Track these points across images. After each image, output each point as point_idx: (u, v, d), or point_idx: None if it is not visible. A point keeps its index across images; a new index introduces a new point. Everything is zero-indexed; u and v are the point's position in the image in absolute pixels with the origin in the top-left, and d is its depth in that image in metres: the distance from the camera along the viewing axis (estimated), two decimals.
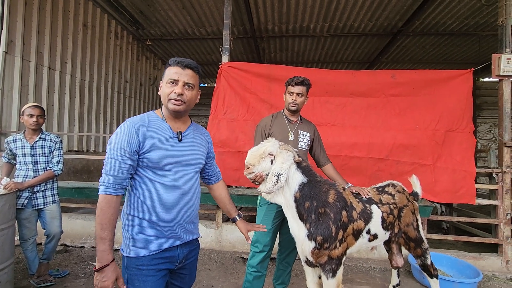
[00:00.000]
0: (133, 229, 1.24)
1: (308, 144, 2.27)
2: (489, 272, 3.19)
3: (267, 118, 2.31)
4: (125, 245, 1.26)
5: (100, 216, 1.14)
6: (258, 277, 2.19)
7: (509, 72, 3.29)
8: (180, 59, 1.29)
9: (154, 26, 6.23)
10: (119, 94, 6.63)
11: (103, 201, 1.16)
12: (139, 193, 1.25)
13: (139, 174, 1.25)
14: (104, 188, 1.17)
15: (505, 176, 3.30)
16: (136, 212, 1.25)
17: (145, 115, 1.31)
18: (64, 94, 5.02)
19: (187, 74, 1.28)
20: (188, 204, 1.33)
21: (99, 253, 1.12)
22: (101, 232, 1.13)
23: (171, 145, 1.29)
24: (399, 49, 7.04)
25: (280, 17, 5.61)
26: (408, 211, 2.18)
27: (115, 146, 1.18)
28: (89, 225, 3.77)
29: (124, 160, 1.18)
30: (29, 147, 2.60)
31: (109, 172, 1.17)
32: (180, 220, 1.30)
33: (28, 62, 4.29)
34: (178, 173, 1.30)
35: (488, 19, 5.47)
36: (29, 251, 2.67)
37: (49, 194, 2.69)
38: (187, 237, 1.36)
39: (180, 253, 1.33)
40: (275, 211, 2.18)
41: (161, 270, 1.28)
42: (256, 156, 1.69)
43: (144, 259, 1.23)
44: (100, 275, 1.11)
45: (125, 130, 1.21)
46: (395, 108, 3.48)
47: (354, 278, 3.01)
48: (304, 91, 2.21)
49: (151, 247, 1.24)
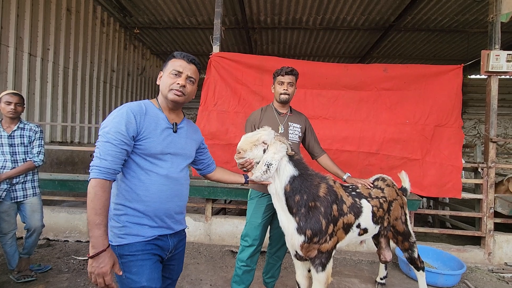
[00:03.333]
0: (122, 218, 1.21)
1: (299, 136, 2.23)
2: (472, 264, 3.29)
3: (257, 112, 2.26)
4: (114, 234, 1.21)
5: (94, 201, 1.09)
6: (247, 271, 2.17)
7: (498, 68, 3.33)
8: (185, 54, 1.32)
9: (143, 13, 6.01)
10: (105, 83, 6.41)
11: (97, 186, 1.10)
12: (130, 182, 1.22)
13: (131, 162, 1.23)
14: (97, 172, 1.11)
15: (490, 170, 3.38)
16: (126, 201, 1.22)
17: (141, 102, 1.28)
18: (46, 82, 4.80)
19: (191, 68, 1.31)
20: (179, 194, 1.33)
21: (93, 239, 1.07)
22: (95, 217, 1.08)
23: (167, 135, 1.29)
24: (390, 44, 7.08)
25: (272, 8, 5.51)
26: (397, 205, 2.19)
27: (112, 129, 1.14)
28: (73, 219, 3.65)
29: (120, 145, 1.15)
30: (7, 136, 2.46)
31: (103, 156, 1.12)
32: (170, 211, 1.30)
33: (7, 47, 4.06)
34: (172, 163, 1.30)
35: (478, 16, 5.55)
36: (8, 245, 2.56)
37: (29, 186, 2.57)
38: (177, 227, 1.37)
39: (171, 242, 1.33)
40: (265, 204, 2.14)
41: (156, 254, 1.27)
42: (249, 142, 1.67)
43: (137, 245, 1.21)
44: (96, 262, 1.06)
45: (123, 114, 1.17)
46: (386, 102, 3.49)
47: (342, 271, 3.04)
48: (294, 81, 2.17)
49: (143, 233, 1.23)
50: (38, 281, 2.56)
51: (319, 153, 2.29)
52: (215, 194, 3.46)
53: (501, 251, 3.36)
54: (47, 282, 2.57)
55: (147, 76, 8.47)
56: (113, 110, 1.21)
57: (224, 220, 3.63)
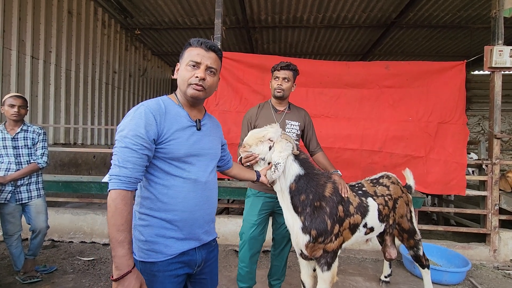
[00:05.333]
0: (146, 230, 1.08)
1: (297, 134, 2.18)
2: (477, 261, 3.26)
3: (253, 108, 2.23)
4: (138, 248, 1.09)
5: (115, 216, 0.95)
6: (249, 272, 2.16)
7: (501, 64, 3.30)
8: (203, 40, 1.14)
9: (143, 14, 6.02)
10: (107, 85, 6.43)
11: (117, 198, 0.96)
12: (154, 189, 1.09)
13: (154, 167, 1.09)
14: (118, 182, 0.97)
15: (495, 167, 3.35)
16: (150, 211, 1.09)
17: (159, 99, 1.14)
18: (49, 84, 4.82)
19: (210, 57, 1.14)
20: (208, 200, 1.19)
21: (117, 259, 0.93)
22: (117, 234, 0.94)
23: (190, 135, 1.14)
24: (392, 41, 7.03)
25: (273, 6, 5.49)
26: (402, 203, 2.17)
27: (130, 133, 1.00)
28: (77, 220, 3.67)
29: (141, 150, 1.00)
30: (10, 139, 2.48)
31: (122, 163, 0.98)
32: (200, 219, 1.16)
33: (10, 51, 4.09)
34: (199, 166, 1.16)
35: (480, 12, 5.49)
36: (14, 247, 2.57)
37: (33, 188, 2.59)
38: (206, 238, 1.22)
39: (198, 256, 1.18)
40: (261, 203, 2.12)
41: (179, 275, 1.13)
42: (256, 138, 1.66)
43: (160, 264, 1.08)
44: (121, 285, 0.92)
45: (141, 115, 1.03)
46: (389, 100, 3.47)
47: (347, 269, 3.03)
48: (290, 76, 2.10)
49: (167, 251, 1.09)
50: (43, 282, 2.58)
51: (315, 150, 2.26)
52: (218, 194, 3.45)
53: (506, 248, 3.33)
54: (53, 283, 2.58)
55: (149, 77, 8.48)
56: (129, 110, 1.07)
57: (227, 219, 3.63)
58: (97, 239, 3.55)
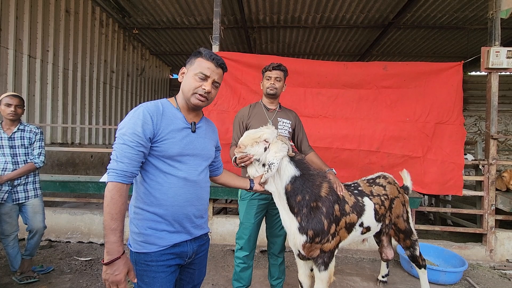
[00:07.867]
0: (141, 223, 1.19)
1: (289, 131, 2.22)
2: (473, 261, 3.29)
3: (245, 108, 2.26)
4: (133, 240, 1.20)
5: (110, 205, 1.06)
6: (245, 268, 2.19)
7: (498, 65, 3.32)
8: (214, 55, 1.25)
9: (141, 14, 6.00)
10: (105, 84, 6.40)
11: (113, 190, 1.07)
12: (148, 185, 1.19)
13: (149, 164, 1.19)
14: (115, 175, 1.08)
15: (491, 167, 3.37)
16: (144, 205, 1.19)
17: (158, 101, 1.24)
18: (46, 84, 4.80)
19: (218, 73, 1.26)
20: (199, 197, 1.28)
21: (109, 245, 1.04)
22: (111, 222, 1.05)
23: (185, 136, 1.24)
24: (390, 41, 7.05)
25: (271, 6, 5.49)
26: (398, 203, 2.18)
27: (128, 131, 1.11)
28: (74, 220, 3.65)
29: (137, 147, 1.11)
30: (7, 138, 2.47)
31: (120, 158, 1.09)
32: (190, 215, 1.25)
33: (6, 50, 4.06)
34: (190, 165, 1.25)
35: (477, 13, 5.52)
36: (11, 247, 2.56)
37: (30, 188, 2.58)
38: (197, 232, 1.31)
39: (189, 248, 1.28)
40: (257, 205, 2.15)
41: (171, 266, 1.23)
42: (251, 139, 1.67)
43: (153, 255, 1.18)
44: (110, 269, 1.03)
45: (139, 115, 1.14)
46: (387, 100, 3.48)
47: (344, 269, 3.04)
48: (281, 76, 2.17)
49: (159, 243, 1.19)
50: (40, 282, 2.57)
51: (306, 150, 2.28)
52: (216, 194, 3.46)
53: (502, 248, 3.36)
54: (50, 283, 2.57)
55: (147, 76, 8.46)
56: (130, 111, 1.18)
57: (225, 219, 3.63)
58: (95, 239, 3.54)
